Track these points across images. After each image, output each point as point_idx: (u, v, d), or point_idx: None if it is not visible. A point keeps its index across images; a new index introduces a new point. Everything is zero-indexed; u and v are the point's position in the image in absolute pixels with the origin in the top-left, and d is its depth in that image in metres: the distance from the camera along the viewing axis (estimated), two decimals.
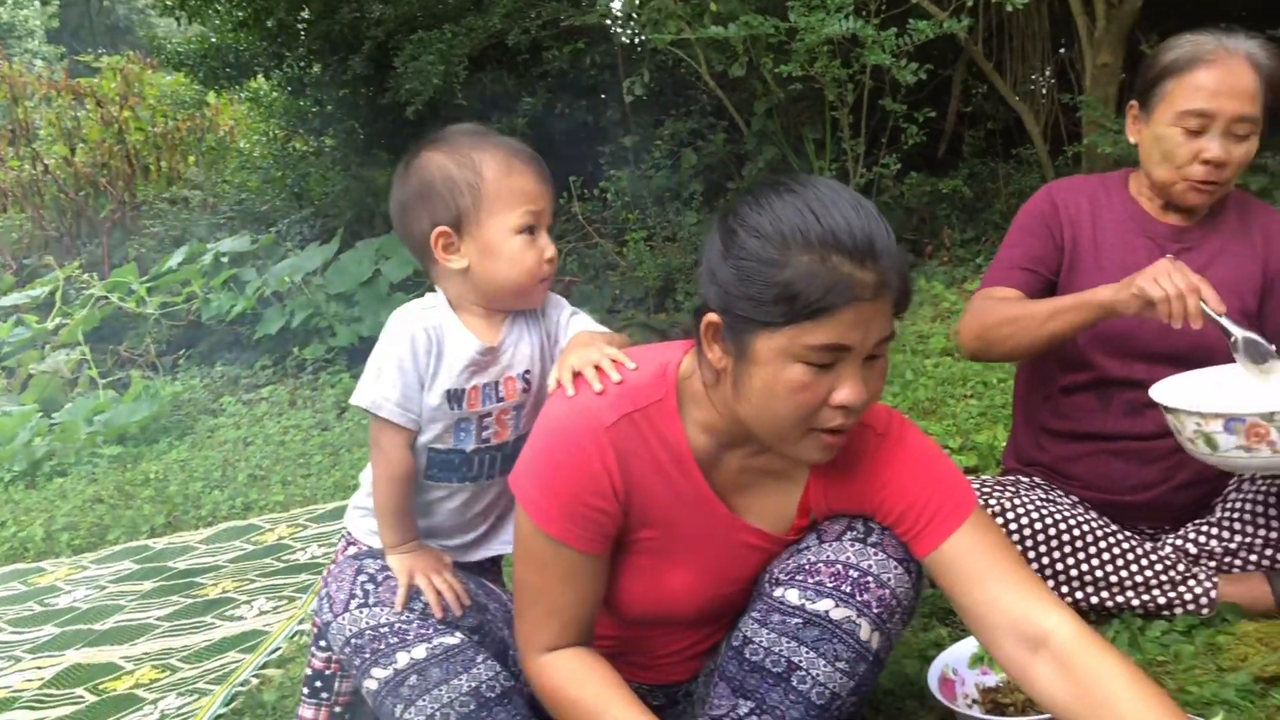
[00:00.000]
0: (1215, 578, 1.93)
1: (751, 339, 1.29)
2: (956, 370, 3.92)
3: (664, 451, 1.43)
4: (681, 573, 1.50)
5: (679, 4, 5.62)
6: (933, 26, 4.87)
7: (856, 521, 1.49)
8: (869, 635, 1.43)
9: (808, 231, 1.24)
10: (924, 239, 6.28)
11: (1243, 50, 1.91)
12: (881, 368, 1.34)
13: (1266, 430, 1.62)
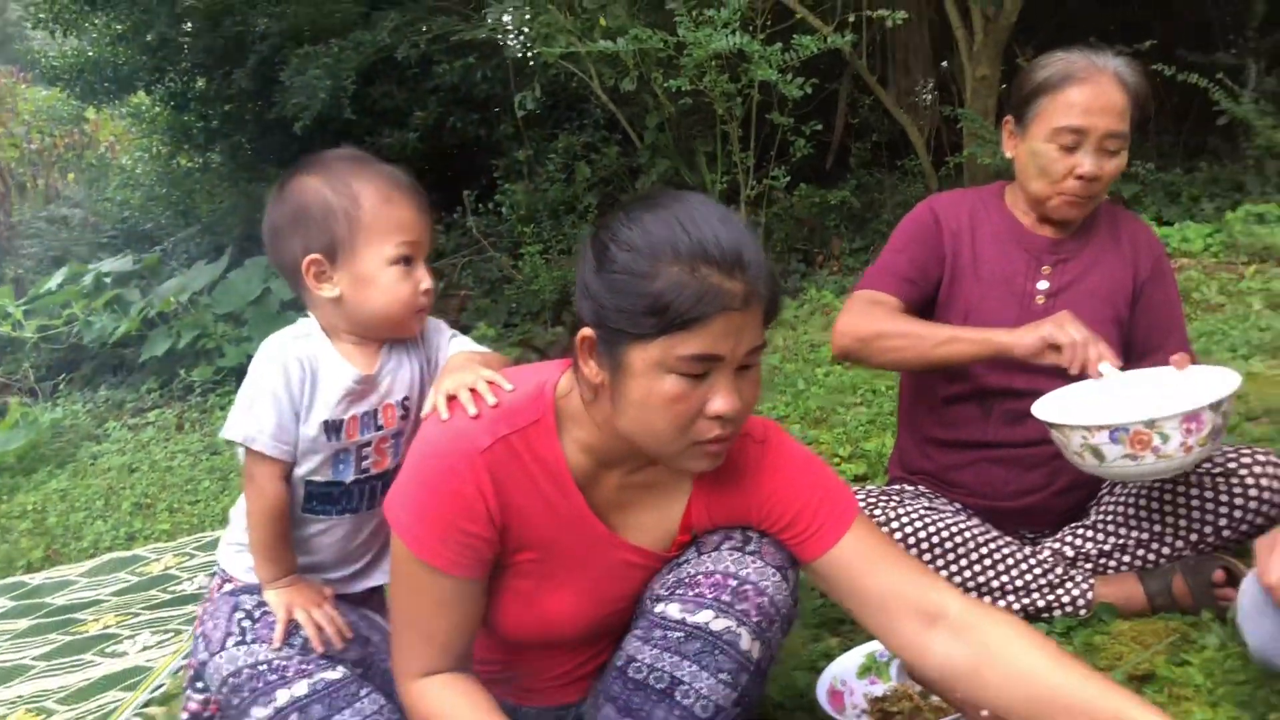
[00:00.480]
0: (1091, 579, 2.00)
1: (625, 352, 1.29)
2: (847, 379, 3.99)
3: (542, 473, 1.43)
4: (562, 594, 1.50)
5: (569, 19, 5.63)
6: (816, 42, 4.96)
7: (735, 531, 1.50)
8: (750, 645, 1.44)
9: (677, 244, 1.26)
10: (814, 249, 6.39)
11: (1112, 68, 1.99)
12: (755, 377, 1.35)
13: (1149, 436, 1.68)
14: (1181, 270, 4.56)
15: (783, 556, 1.49)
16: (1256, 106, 5.45)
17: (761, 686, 1.51)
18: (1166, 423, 1.67)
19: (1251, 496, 1.91)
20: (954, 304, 2.09)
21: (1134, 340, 2.09)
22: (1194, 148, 6.61)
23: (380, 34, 6.86)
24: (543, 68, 6.99)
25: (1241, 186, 5.57)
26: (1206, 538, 1.96)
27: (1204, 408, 1.68)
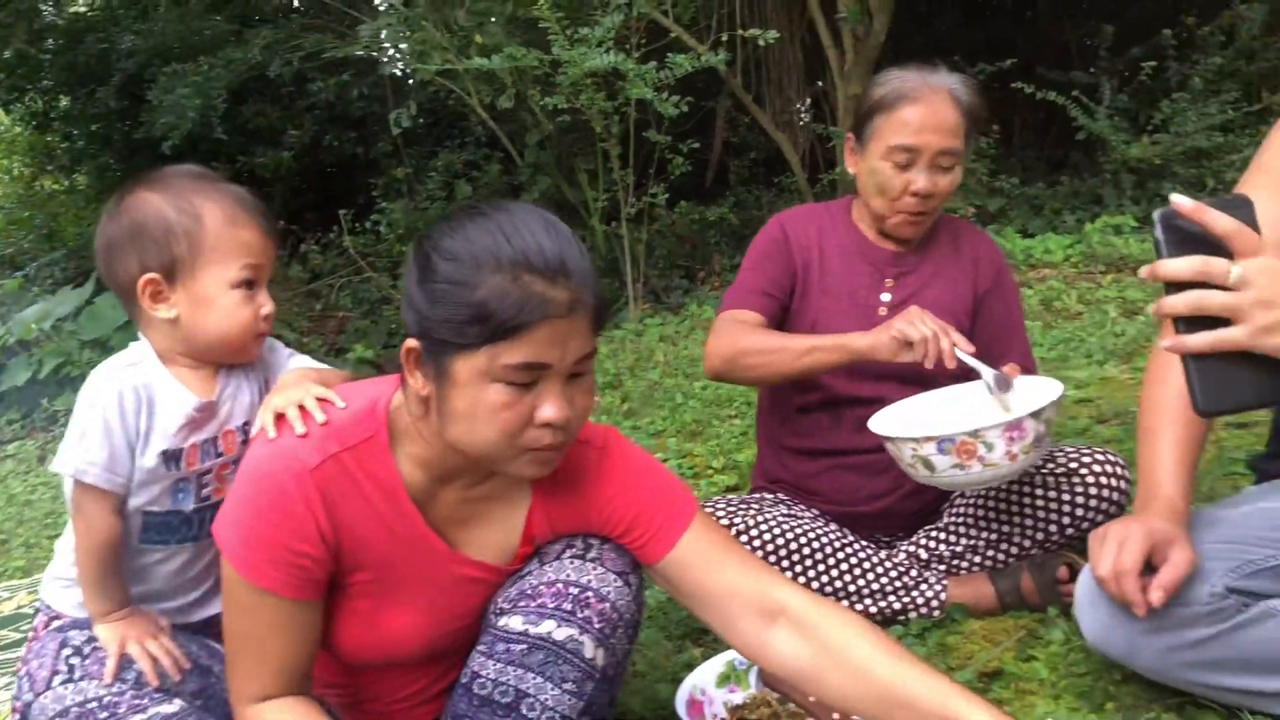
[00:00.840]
0: (944, 580, 2.04)
1: (450, 362, 1.28)
2: (723, 392, 4.02)
3: (376, 490, 1.40)
4: (402, 613, 1.47)
5: (446, 36, 5.59)
6: (690, 60, 5.02)
7: (576, 539, 1.50)
8: (594, 652, 1.43)
9: (499, 253, 1.25)
10: (695, 265, 6.45)
11: (945, 87, 2.04)
12: (588, 385, 1.35)
13: (975, 446, 1.73)
14: (1044, 280, 4.72)
15: (624, 562, 1.49)
16: (1111, 123, 5.69)
17: (610, 694, 1.50)
18: (990, 432, 1.72)
19: (1092, 495, 1.98)
20: (803, 316, 2.13)
21: (976, 350, 2.14)
22: (1056, 162, 6.87)
23: (252, 51, 6.74)
24: (420, 85, 6.93)
25: (1100, 199, 5.80)
26: (1052, 536, 2.01)
27: (1025, 417, 1.73)
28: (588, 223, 6.16)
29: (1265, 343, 1.12)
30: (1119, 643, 1.56)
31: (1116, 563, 1.48)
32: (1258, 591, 1.51)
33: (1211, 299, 1.12)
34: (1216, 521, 1.60)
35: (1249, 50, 5.93)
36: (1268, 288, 1.11)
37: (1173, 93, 5.81)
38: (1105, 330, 3.93)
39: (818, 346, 1.97)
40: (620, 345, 5.10)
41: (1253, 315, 1.12)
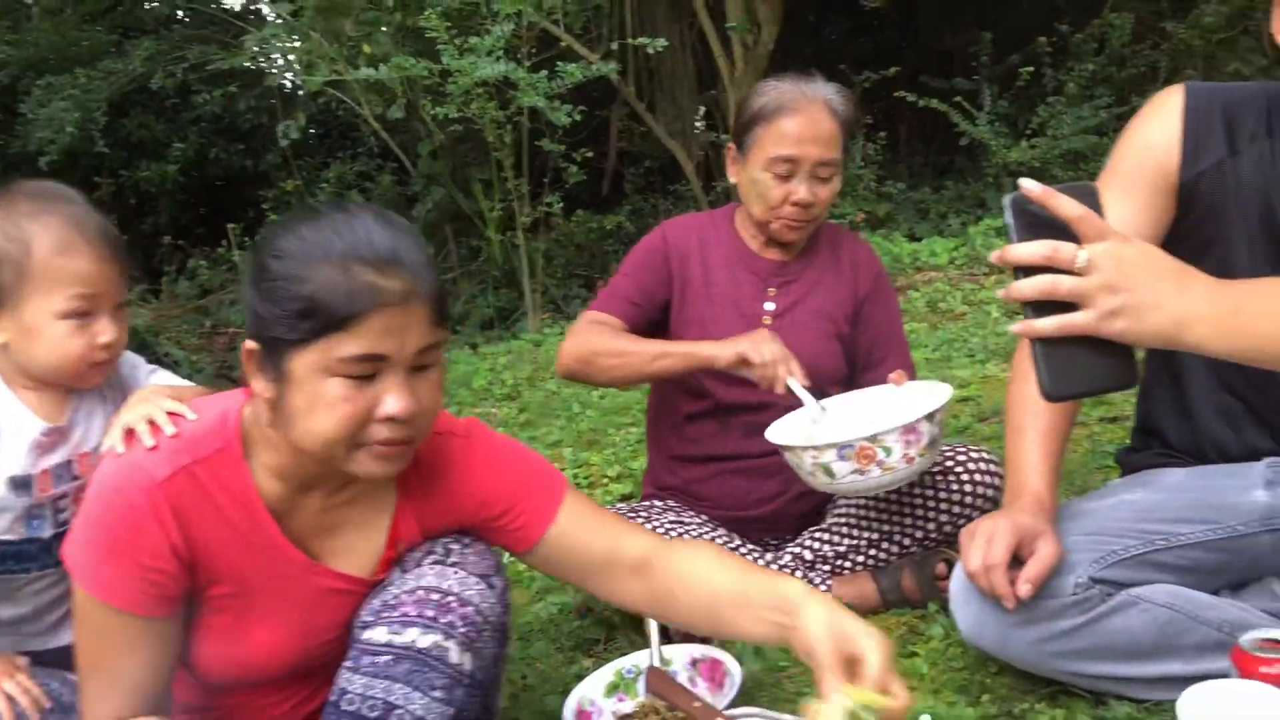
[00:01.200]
0: (829, 580, 2.07)
1: (287, 360, 1.27)
2: (620, 401, 4.03)
3: (230, 502, 1.37)
4: (264, 628, 1.44)
5: (334, 47, 5.52)
6: (581, 69, 5.03)
7: (436, 545, 1.48)
8: (460, 657, 1.41)
9: (329, 246, 1.25)
10: (594, 274, 6.46)
11: (822, 98, 2.08)
12: (436, 379, 1.34)
13: (874, 451, 1.77)
14: (930, 282, 4.84)
15: (486, 565, 1.48)
16: (992, 128, 5.87)
17: (482, 700, 1.48)
18: (887, 436, 1.77)
19: (968, 492, 2.04)
20: (688, 326, 2.15)
21: (858, 355, 2.20)
22: (942, 167, 7.06)
23: (133, 63, 6.58)
24: (309, 96, 6.83)
25: (983, 203, 5.97)
26: (931, 534, 2.07)
27: (920, 419, 1.78)
28: (484, 232, 6.13)
29: (1110, 327, 1.14)
30: (991, 636, 1.61)
31: (985, 558, 1.53)
32: (1120, 581, 1.57)
33: (1059, 284, 1.13)
34: (1081, 514, 1.66)
35: (1119, 56, 6.17)
36: (1113, 272, 1.14)
37: (1049, 98, 6.01)
38: (987, 330, 4.04)
39: (668, 352, 2.02)
40: (519, 356, 5.08)
41: (1098, 299, 1.13)
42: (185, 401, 1.41)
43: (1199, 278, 1.19)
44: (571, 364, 2.08)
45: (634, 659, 1.88)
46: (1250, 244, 1.64)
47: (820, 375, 2.13)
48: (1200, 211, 1.67)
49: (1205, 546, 1.61)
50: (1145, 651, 1.56)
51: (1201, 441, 1.72)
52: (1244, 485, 1.64)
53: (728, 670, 1.79)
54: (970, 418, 3.04)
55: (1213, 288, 1.18)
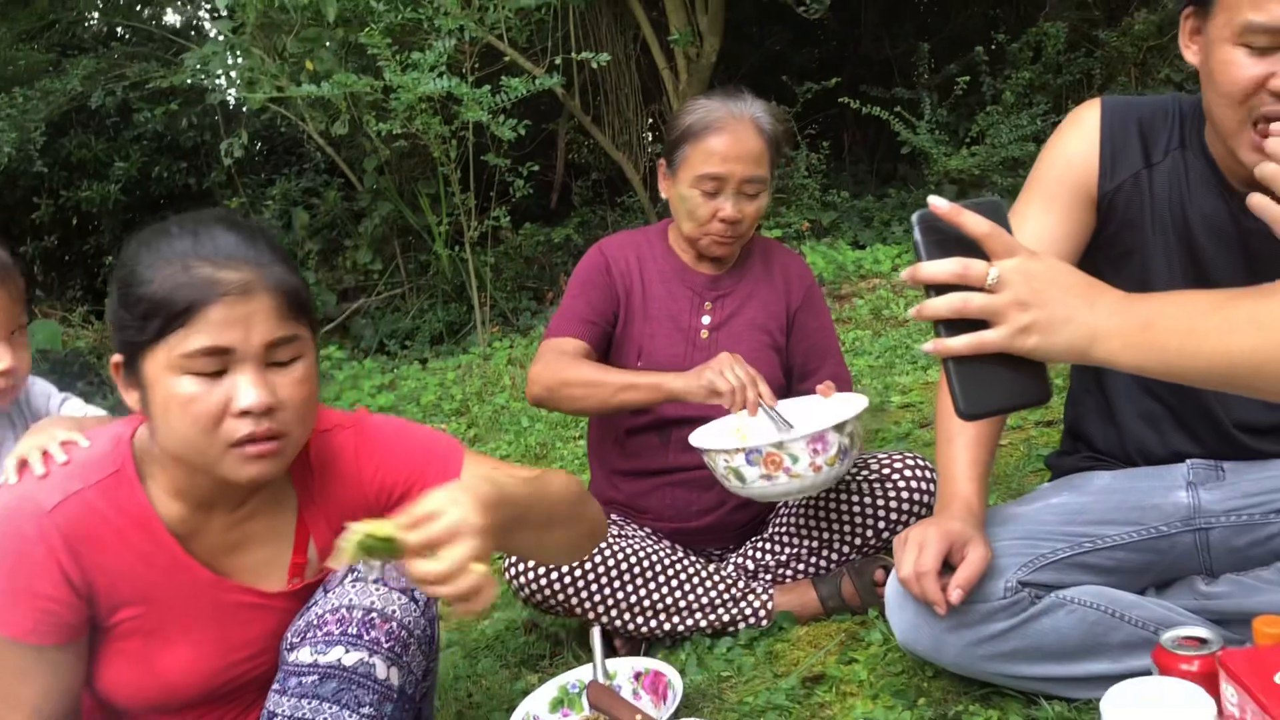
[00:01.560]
0: (771, 589, 2.10)
1: (142, 365, 1.29)
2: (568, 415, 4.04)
3: (129, 525, 1.37)
4: (177, 649, 1.43)
5: (276, 63, 5.48)
6: (525, 83, 5.04)
7: (358, 564, 1.48)
8: (386, 672, 1.42)
9: (171, 247, 1.28)
10: (543, 286, 6.47)
11: (748, 115, 2.11)
12: (300, 374, 1.34)
13: (780, 458, 1.80)
14: (874, 289, 4.89)
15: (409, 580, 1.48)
16: (932, 136, 5.95)
17: (413, 714, 1.48)
18: (794, 444, 1.81)
19: (904, 498, 2.07)
20: (628, 342, 2.18)
21: (793, 364, 2.23)
22: (886, 175, 7.14)
23: (71, 82, 6.49)
24: (253, 113, 6.78)
25: None
26: (870, 540, 2.10)
27: (828, 429, 1.82)
28: (432, 247, 6.12)
29: (1022, 344, 1.13)
30: (926, 641, 1.64)
31: (917, 564, 1.56)
32: (1048, 583, 1.61)
33: (970, 301, 1.12)
34: (1010, 519, 1.70)
35: (1055, 64, 6.28)
36: (1023, 288, 1.13)
37: (987, 106, 6.11)
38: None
39: (635, 384, 2.03)
40: (468, 370, 5.08)
41: (1010, 316, 1.12)
42: (84, 430, 1.42)
43: (1109, 292, 1.19)
44: (541, 393, 2.10)
45: (578, 674, 1.89)
46: (1167, 255, 1.69)
47: None
48: (1118, 223, 1.72)
49: (1130, 547, 1.66)
50: (1074, 651, 1.60)
51: (1126, 445, 1.77)
52: (1167, 487, 1.69)
53: (670, 682, 1.81)
54: (911, 424, 3.09)
55: (1123, 302, 1.18)
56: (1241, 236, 1.63)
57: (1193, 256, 1.67)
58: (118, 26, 7.83)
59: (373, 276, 6.66)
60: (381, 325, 6.36)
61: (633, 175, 6.53)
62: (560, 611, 2.06)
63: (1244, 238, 1.63)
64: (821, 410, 2.01)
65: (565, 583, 2.02)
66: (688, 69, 6.20)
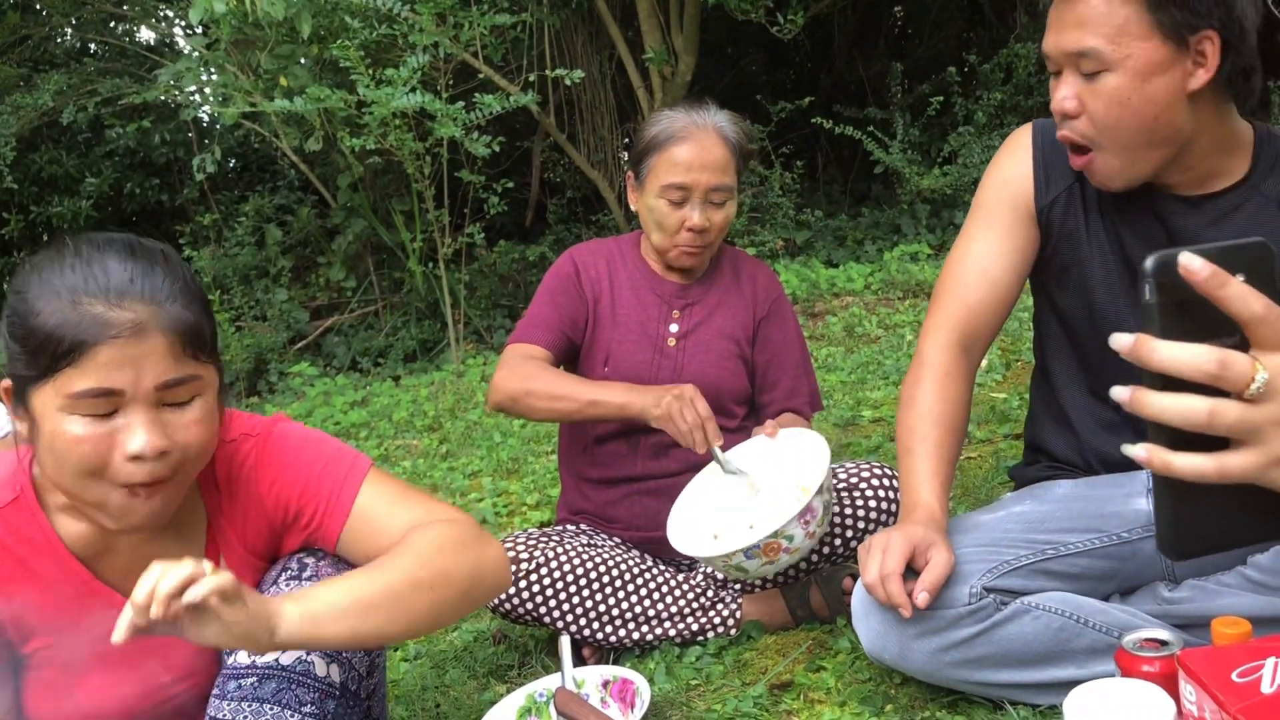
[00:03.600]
0: (740, 598, 2.10)
1: (31, 398, 1.25)
2: (541, 430, 4.04)
3: (31, 552, 1.34)
4: (98, 676, 1.39)
5: (249, 79, 5.47)
6: (499, 100, 5.05)
7: (291, 561, 1.46)
8: (325, 669, 1.40)
9: (62, 280, 1.23)
10: (518, 304, 6.46)
11: (712, 125, 2.13)
12: (197, 414, 1.29)
13: (778, 544, 1.80)
14: (847, 307, 4.92)
15: (339, 571, 1.45)
16: (905, 156, 6.00)
17: (362, 711, 1.46)
18: (788, 527, 1.78)
19: (871, 507, 2.08)
20: (596, 349, 2.18)
21: (757, 374, 2.24)
22: (860, 195, 7.19)
23: (42, 97, 6.44)
24: (226, 129, 6.76)
25: (899, 229, 6.09)
26: (837, 550, 2.10)
27: (813, 499, 1.79)
28: (406, 264, 6.11)
29: (1277, 475, 0.79)
30: (892, 649, 1.65)
31: (881, 568, 1.56)
32: (1013, 589, 1.62)
33: (1221, 415, 0.76)
34: (973, 527, 1.71)
35: (1026, 86, 6.35)
36: None
37: (959, 126, 6.16)
38: (902, 352, 4.12)
39: (600, 401, 2.02)
40: (441, 387, 5.06)
41: (1271, 439, 0.77)
42: None
43: None
44: (503, 400, 2.09)
45: (546, 682, 1.88)
46: (1104, 265, 1.72)
47: (724, 395, 2.17)
48: (1057, 238, 1.77)
49: (1092, 554, 1.67)
50: (1039, 657, 1.61)
51: (1085, 453, 1.79)
52: (1127, 494, 1.71)
53: (638, 690, 1.80)
54: (882, 437, 3.10)
55: None
56: (1171, 240, 1.66)
57: (1129, 266, 1.71)
58: (90, 43, 7.80)
59: (346, 294, 6.64)
60: (355, 342, 6.33)
61: (608, 193, 6.55)
62: (529, 621, 2.06)
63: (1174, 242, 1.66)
64: (774, 454, 2.00)
65: (534, 592, 2.02)
66: (663, 88, 6.23)
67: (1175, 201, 1.67)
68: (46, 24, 7.12)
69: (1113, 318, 1.72)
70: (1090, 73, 1.56)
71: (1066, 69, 1.59)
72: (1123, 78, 1.54)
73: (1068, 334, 1.80)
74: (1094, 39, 1.54)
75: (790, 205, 6.14)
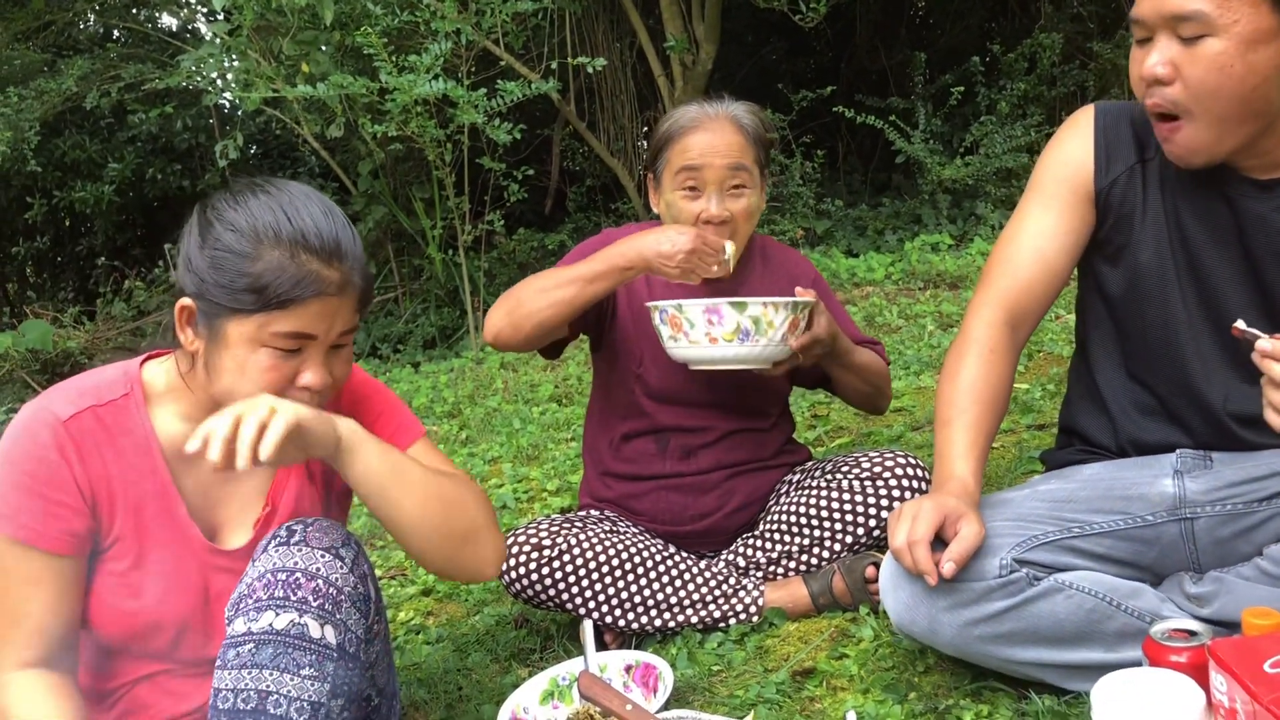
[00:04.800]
0: (762, 586, 2.10)
1: (223, 324, 1.38)
2: (560, 416, 4.05)
3: (130, 445, 1.46)
4: (155, 576, 1.49)
5: (272, 65, 5.49)
6: (520, 87, 5.05)
7: (281, 529, 1.49)
8: (320, 631, 1.41)
9: (279, 229, 1.37)
10: None
11: (725, 113, 2.09)
12: (347, 355, 1.49)
13: (680, 320, 1.90)
14: (867, 297, 4.90)
15: (332, 537, 1.48)
16: (926, 146, 5.97)
17: (360, 673, 1.47)
18: (691, 309, 1.88)
19: (895, 496, 2.07)
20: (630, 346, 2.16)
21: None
22: (880, 185, 7.16)
23: (66, 82, 6.47)
24: (248, 116, 6.78)
25: (919, 219, 6.07)
26: (861, 539, 2.10)
27: (723, 302, 1.87)
28: (426, 251, 6.12)
29: None
30: (922, 621, 1.63)
31: (909, 534, 1.55)
32: (1042, 563, 1.61)
33: None
34: (1001, 503, 1.71)
35: (1049, 76, 6.31)
36: None
37: (982, 116, 6.13)
38: (922, 343, 4.11)
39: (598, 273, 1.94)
40: (460, 374, 5.07)
41: None
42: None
43: None
44: (498, 320, 1.99)
45: (568, 666, 1.89)
46: (1157, 248, 1.71)
47: (766, 391, 2.15)
48: (1113, 219, 1.75)
49: (1117, 535, 1.67)
50: (1069, 637, 1.60)
51: (1119, 436, 1.78)
52: (1153, 476, 1.70)
53: (661, 675, 1.81)
54: (903, 427, 3.09)
55: None
56: (1239, 229, 1.65)
57: (1186, 248, 1.69)
58: (114, 28, 7.83)
59: None
60: (374, 329, 6.35)
61: (627, 182, 6.54)
62: (551, 607, 2.06)
63: (1241, 231, 1.65)
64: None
65: (556, 578, 2.02)
66: (683, 76, 6.22)
67: (1247, 184, 1.64)
68: (70, 9, 7.15)
69: (1159, 299, 1.71)
70: (1190, 37, 1.51)
71: (1162, 33, 1.54)
72: (1226, 43, 1.49)
73: (1113, 316, 1.79)
74: (1200, 1, 1.49)
75: (810, 194, 6.12)
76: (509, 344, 2.01)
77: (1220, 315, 1.67)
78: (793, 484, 2.21)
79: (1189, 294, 1.70)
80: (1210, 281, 1.68)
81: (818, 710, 1.77)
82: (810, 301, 1.97)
